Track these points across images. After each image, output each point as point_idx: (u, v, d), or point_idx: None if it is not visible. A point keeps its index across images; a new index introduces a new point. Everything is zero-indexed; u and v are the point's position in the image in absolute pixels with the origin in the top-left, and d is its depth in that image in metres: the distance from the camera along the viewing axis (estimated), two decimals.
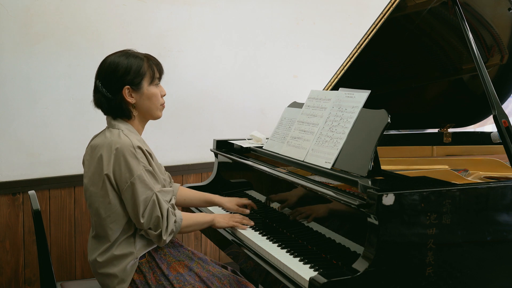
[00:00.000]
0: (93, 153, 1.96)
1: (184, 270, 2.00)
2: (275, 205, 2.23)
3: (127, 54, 1.98)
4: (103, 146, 1.91)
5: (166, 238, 1.91)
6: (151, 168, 1.93)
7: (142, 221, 1.88)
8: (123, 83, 1.94)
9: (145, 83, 1.97)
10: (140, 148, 1.91)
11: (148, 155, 1.94)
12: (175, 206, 2.02)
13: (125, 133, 1.93)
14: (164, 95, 2.05)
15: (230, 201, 2.34)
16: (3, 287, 2.84)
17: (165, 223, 1.90)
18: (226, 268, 2.18)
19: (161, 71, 2.04)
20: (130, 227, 1.94)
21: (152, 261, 1.98)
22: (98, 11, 3.03)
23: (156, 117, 2.05)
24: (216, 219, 2.13)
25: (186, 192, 2.37)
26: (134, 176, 1.86)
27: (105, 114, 2.02)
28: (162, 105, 2.05)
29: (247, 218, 2.22)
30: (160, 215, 1.89)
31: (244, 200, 2.37)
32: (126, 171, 1.87)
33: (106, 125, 2.02)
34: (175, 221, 1.93)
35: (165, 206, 1.91)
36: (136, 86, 1.96)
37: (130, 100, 1.96)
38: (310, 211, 1.96)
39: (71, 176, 2.99)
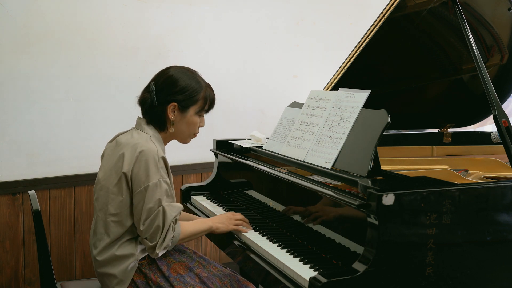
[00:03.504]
0: (115, 149, 1.97)
1: (184, 271, 2.00)
2: (275, 205, 2.23)
3: (191, 75, 2.02)
4: (127, 146, 1.93)
5: (159, 252, 1.90)
6: (168, 179, 1.94)
7: (141, 228, 1.88)
8: (173, 99, 1.97)
9: (192, 110, 2.01)
10: (163, 158, 1.94)
11: (168, 167, 1.96)
12: (177, 220, 1.97)
13: (153, 140, 1.95)
14: (202, 127, 2.07)
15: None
16: (3, 287, 2.83)
17: (162, 237, 1.88)
18: (226, 268, 2.17)
19: (211, 106, 2.08)
20: (134, 230, 1.95)
21: (152, 262, 1.98)
22: (98, 11, 3.03)
23: (183, 142, 2.10)
24: (214, 225, 2.07)
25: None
26: (149, 183, 1.87)
27: (142, 114, 2.04)
28: (195, 134, 2.08)
29: (246, 219, 2.14)
30: (161, 229, 1.87)
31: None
32: (144, 175, 1.87)
33: (135, 125, 2.04)
34: (172, 236, 1.91)
35: (168, 221, 1.89)
36: (183, 108, 1.99)
37: (171, 116, 1.98)
38: (310, 211, 1.96)
39: (71, 176, 2.99)
